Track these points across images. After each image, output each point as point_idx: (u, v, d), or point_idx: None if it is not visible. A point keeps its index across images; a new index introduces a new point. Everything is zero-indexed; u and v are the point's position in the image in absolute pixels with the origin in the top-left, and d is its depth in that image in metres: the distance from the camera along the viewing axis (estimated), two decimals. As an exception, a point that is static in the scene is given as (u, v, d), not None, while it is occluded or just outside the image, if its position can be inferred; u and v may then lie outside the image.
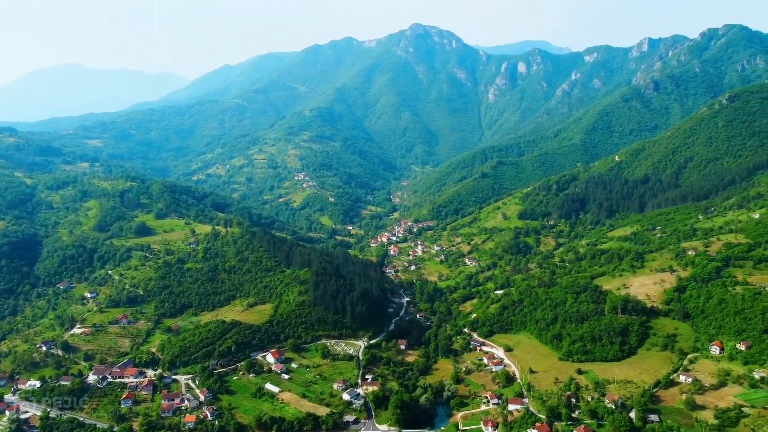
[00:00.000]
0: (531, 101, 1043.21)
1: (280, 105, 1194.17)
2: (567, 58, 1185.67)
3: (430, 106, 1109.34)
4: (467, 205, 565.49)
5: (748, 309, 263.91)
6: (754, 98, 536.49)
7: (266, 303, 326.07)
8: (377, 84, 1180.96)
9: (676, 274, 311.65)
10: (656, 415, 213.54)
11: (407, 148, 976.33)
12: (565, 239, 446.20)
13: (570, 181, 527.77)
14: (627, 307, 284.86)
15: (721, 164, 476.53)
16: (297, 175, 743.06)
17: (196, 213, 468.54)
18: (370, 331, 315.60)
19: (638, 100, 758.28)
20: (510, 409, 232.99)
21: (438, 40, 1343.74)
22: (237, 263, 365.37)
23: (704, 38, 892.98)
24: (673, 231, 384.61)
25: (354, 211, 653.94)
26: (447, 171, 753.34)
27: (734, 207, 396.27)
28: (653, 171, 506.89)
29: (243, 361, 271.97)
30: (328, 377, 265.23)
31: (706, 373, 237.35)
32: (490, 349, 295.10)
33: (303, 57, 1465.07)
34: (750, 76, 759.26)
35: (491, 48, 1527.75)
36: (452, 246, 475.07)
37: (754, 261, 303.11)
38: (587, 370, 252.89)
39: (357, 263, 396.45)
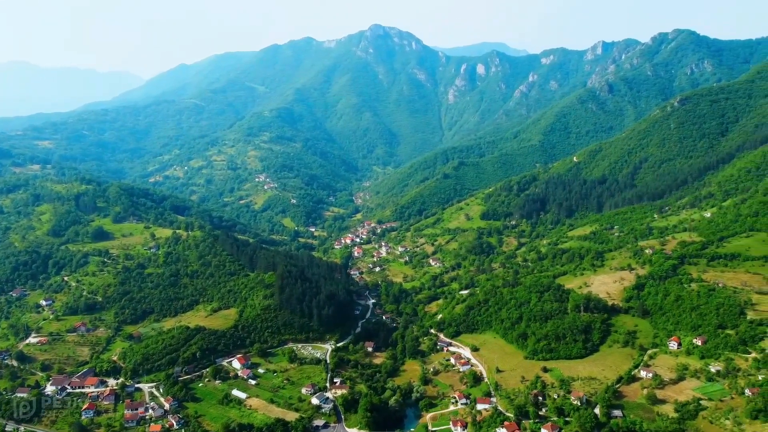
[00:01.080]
0: (490, 102, 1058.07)
1: (238, 105, 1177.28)
2: (524, 60, 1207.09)
3: (391, 106, 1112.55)
4: (430, 206, 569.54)
5: (703, 305, 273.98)
6: (703, 101, 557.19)
7: (231, 308, 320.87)
8: (337, 84, 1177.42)
9: (634, 272, 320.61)
10: (619, 411, 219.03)
11: (368, 148, 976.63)
12: (527, 239, 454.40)
13: (530, 181, 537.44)
14: (589, 306, 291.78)
15: (674, 165, 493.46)
16: (258, 176, 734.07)
17: (156, 216, 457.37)
18: (336, 333, 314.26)
19: (594, 102, 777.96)
20: (478, 409, 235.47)
21: (398, 41, 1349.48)
22: (199, 267, 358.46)
23: (655, 42, 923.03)
24: (631, 230, 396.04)
25: (316, 213, 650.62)
26: (409, 172, 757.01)
27: (687, 206, 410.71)
28: (610, 171, 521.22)
29: (208, 367, 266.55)
30: (296, 382, 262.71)
31: (666, 368, 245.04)
32: (456, 350, 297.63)
33: (262, 57, 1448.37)
34: (698, 80, 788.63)
35: (450, 49, 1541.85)
36: (416, 247, 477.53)
37: (708, 258, 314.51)
38: (552, 368, 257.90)
39: (322, 266, 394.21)
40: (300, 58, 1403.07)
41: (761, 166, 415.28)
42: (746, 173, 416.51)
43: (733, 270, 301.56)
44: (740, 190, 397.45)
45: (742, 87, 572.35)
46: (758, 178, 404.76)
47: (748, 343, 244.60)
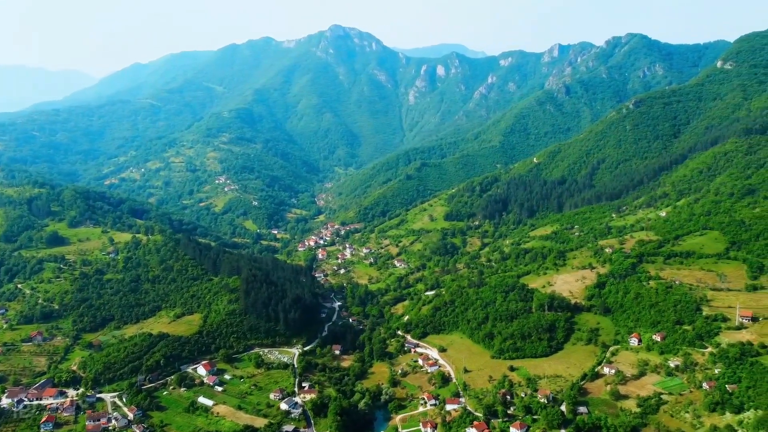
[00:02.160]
0: (450, 103, 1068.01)
1: (196, 106, 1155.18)
2: (483, 62, 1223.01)
3: (352, 107, 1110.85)
4: (394, 207, 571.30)
5: (661, 302, 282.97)
6: (656, 103, 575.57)
7: (194, 313, 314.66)
8: (298, 85, 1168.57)
9: (595, 271, 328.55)
10: (585, 407, 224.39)
11: (330, 149, 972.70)
12: (490, 239, 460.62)
13: (492, 182, 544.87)
14: (553, 304, 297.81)
15: (630, 165, 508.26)
16: (218, 178, 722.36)
17: (114, 220, 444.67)
18: (303, 337, 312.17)
19: (551, 104, 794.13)
20: (448, 409, 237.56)
21: (358, 42, 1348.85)
22: (161, 272, 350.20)
23: (609, 46, 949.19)
24: (590, 229, 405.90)
25: (279, 215, 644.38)
26: (371, 173, 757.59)
27: (643, 206, 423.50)
28: (569, 172, 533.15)
29: (173, 374, 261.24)
30: (263, 387, 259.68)
31: (627, 364, 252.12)
32: (424, 351, 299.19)
33: (219, 56, 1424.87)
34: (650, 82, 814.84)
35: (410, 50, 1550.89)
36: (381, 248, 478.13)
37: (664, 257, 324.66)
38: (519, 367, 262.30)
39: (287, 269, 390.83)
40: (259, 58, 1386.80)
41: (712, 166, 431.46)
42: (698, 174, 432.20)
43: (688, 267, 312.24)
44: (693, 190, 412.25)
45: (692, 90, 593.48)
46: (709, 178, 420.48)
47: (704, 338, 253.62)
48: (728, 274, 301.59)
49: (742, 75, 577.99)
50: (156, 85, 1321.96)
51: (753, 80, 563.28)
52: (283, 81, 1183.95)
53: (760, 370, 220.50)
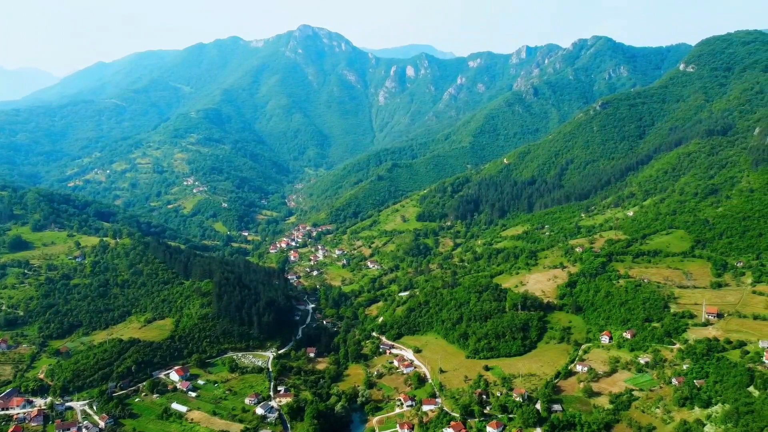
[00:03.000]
0: (420, 104, 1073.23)
1: (162, 106, 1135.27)
2: (452, 63, 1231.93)
3: (322, 108, 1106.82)
4: (365, 208, 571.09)
5: (630, 300, 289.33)
6: (622, 105, 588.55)
7: (166, 318, 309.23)
8: (266, 85, 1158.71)
9: (566, 270, 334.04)
10: (559, 405, 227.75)
11: (300, 150, 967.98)
12: (463, 239, 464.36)
13: (463, 183, 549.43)
14: (526, 304, 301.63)
15: (598, 166, 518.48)
16: (186, 179, 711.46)
17: (80, 224, 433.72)
18: (277, 340, 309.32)
19: (520, 105, 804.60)
20: (424, 410, 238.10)
21: (327, 42, 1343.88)
22: (130, 277, 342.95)
23: (575, 48, 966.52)
24: (560, 229, 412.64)
25: (249, 217, 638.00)
26: (342, 174, 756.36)
27: (611, 205, 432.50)
28: (539, 172, 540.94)
29: (145, 381, 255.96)
30: (238, 392, 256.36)
31: (599, 362, 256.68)
32: (399, 352, 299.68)
33: (186, 56, 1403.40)
34: (616, 84, 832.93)
35: (379, 51, 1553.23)
36: (353, 249, 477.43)
37: (633, 255, 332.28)
38: (493, 366, 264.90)
39: (259, 271, 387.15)
40: (227, 58, 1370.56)
41: (676, 167, 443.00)
42: (663, 174, 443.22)
43: (655, 266, 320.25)
44: (659, 190, 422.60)
45: (656, 92, 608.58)
46: (674, 178, 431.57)
47: (672, 334, 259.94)
48: (694, 271, 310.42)
49: (703, 77, 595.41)
50: (120, 85, 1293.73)
51: (714, 83, 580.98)
52: (251, 81, 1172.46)
53: (726, 366, 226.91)
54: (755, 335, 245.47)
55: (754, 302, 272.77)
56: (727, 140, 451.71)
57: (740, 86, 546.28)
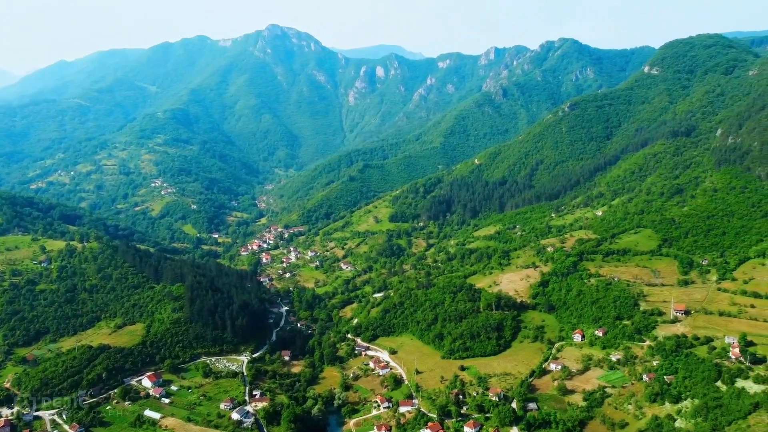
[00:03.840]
0: (390, 105, 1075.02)
1: (128, 106, 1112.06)
2: (422, 63, 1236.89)
3: (291, 108, 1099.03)
4: (337, 209, 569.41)
5: (601, 299, 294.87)
6: (590, 106, 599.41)
7: (137, 323, 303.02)
8: (235, 85, 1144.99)
9: (539, 269, 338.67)
10: (534, 403, 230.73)
11: (269, 151, 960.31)
12: (435, 240, 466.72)
13: (435, 183, 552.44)
14: (500, 304, 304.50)
15: (567, 166, 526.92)
16: (154, 181, 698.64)
17: (44, 227, 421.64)
18: (252, 344, 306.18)
19: (490, 106, 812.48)
20: (402, 411, 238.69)
21: (296, 42, 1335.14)
22: (99, 281, 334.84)
23: (543, 50, 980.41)
24: (532, 229, 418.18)
25: (219, 218, 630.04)
26: (313, 175, 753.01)
27: (581, 205, 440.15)
28: (509, 173, 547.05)
29: (116, 388, 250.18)
30: (213, 397, 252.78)
31: (572, 360, 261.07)
32: (375, 353, 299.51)
33: (151, 55, 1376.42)
34: (582, 86, 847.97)
35: (348, 51, 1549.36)
36: (326, 251, 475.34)
37: (603, 254, 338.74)
38: (469, 366, 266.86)
39: (232, 274, 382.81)
40: (194, 57, 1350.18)
41: (643, 167, 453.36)
42: (631, 174, 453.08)
43: (625, 264, 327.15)
44: (626, 190, 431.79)
45: (622, 94, 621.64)
46: (641, 178, 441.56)
47: (642, 332, 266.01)
48: (661, 270, 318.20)
49: (667, 80, 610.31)
50: (84, 84, 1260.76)
51: (677, 85, 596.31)
52: (219, 81, 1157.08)
53: (695, 361, 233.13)
54: (721, 331, 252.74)
55: (720, 299, 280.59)
56: (691, 141, 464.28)
57: (702, 89, 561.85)
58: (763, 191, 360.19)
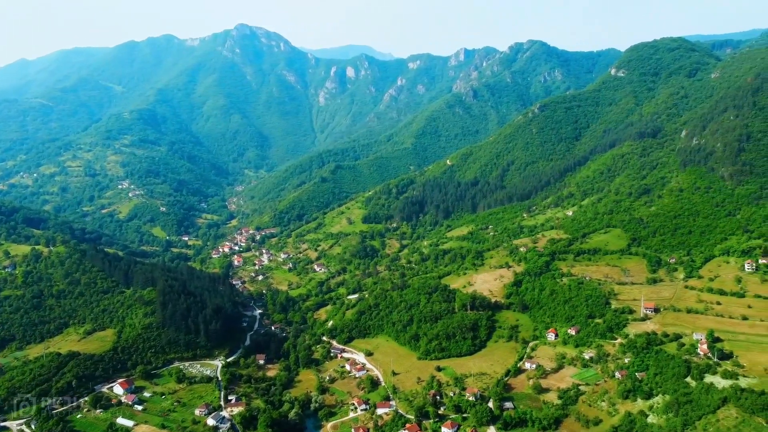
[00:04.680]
0: (361, 105, 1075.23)
1: (93, 106, 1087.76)
2: (392, 64, 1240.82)
3: (261, 108, 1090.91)
4: (310, 211, 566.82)
5: (574, 297, 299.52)
6: (559, 108, 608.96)
7: (107, 329, 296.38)
8: (203, 85, 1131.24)
9: (512, 269, 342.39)
10: (510, 402, 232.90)
11: (239, 152, 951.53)
12: (409, 241, 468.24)
13: (408, 184, 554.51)
14: (475, 304, 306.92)
15: (538, 167, 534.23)
16: (121, 183, 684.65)
17: (8, 231, 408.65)
18: (226, 348, 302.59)
19: (460, 107, 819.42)
20: (379, 413, 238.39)
21: (265, 42, 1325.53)
22: (67, 287, 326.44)
23: (512, 51, 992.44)
24: (504, 229, 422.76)
25: (189, 221, 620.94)
26: (284, 176, 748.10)
27: (552, 206, 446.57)
28: (481, 174, 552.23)
29: (87, 395, 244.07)
30: (187, 403, 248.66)
31: (547, 358, 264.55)
32: (351, 356, 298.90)
33: (117, 54, 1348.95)
34: (551, 87, 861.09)
35: (318, 51, 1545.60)
36: (299, 253, 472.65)
37: (574, 254, 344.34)
38: (445, 367, 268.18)
39: (204, 277, 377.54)
40: (160, 57, 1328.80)
41: (611, 168, 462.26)
42: (599, 175, 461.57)
43: (596, 264, 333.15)
44: (595, 190, 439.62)
45: (590, 96, 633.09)
46: (609, 179, 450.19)
47: (614, 330, 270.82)
48: (631, 268, 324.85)
49: (633, 82, 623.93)
50: (46, 84, 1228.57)
51: (643, 87, 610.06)
52: (187, 81, 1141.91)
53: (665, 358, 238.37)
54: (689, 328, 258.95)
55: (687, 296, 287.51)
56: (657, 142, 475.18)
57: (667, 91, 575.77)
58: (726, 191, 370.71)
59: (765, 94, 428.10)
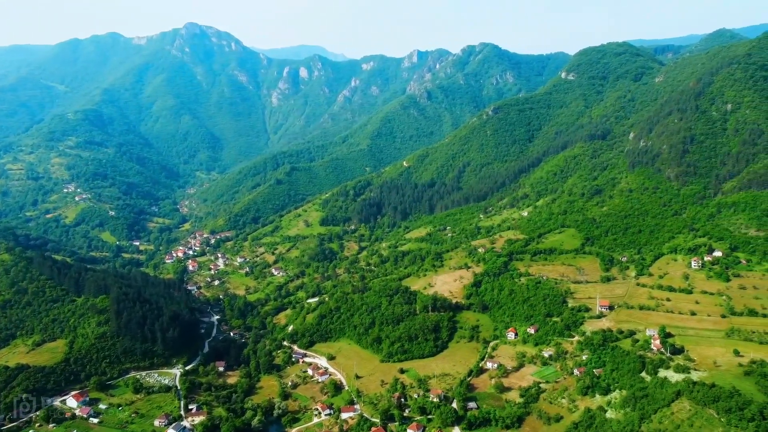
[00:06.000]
0: (315, 106, 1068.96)
1: (33, 106, 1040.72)
2: (346, 65, 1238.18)
3: (212, 109, 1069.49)
4: (266, 213, 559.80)
5: (532, 297, 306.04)
6: (512, 110, 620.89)
7: (57, 339, 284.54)
8: (152, 85, 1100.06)
9: (471, 270, 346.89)
10: (474, 402, 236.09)
11: (190, 153, 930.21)
12: (367, 243, 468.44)
13: (365, 186, 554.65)
14: (436, 305, 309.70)
15: (493, 168, 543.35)
16: (66, 186, 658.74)
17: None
18: (184, 356, 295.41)
19: (415, 108, 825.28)
20: (344, 418, 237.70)
21: (216, 41, 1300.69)
22: (13, 296, 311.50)
23: (465, 54, 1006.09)
24: (462, 230, 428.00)
25: (140, 225, 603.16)
26: (238, 178, 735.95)
27: (507, 206, 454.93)
28: (438, 175, 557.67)
29: (38, 410, 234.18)
30: (146, 414, 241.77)
31: (507, 357, 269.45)
32: (313, 360, 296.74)
33: (59, 52, 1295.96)
34: (503, 89, 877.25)
35: (269, 51, 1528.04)
36: (256, 257, 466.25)
37: (531, 254, 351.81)
38: (408, 369, 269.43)
39: (159, 284, 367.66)
40: (106, 55, 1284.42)
41: (564, 169, 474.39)
42: (552, 176, 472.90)
43: (552, 263, 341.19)
44: (549, 191, 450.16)
45: (542, 98, 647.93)
46: (562, 179, 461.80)
47: (571, 327, 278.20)
48: (585, 267, 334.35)
49: (582, 85, 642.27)
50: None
51: (592, 90, 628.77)
52: (134, 80, 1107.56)
53: (621, 354, 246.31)
54: (642, 324, 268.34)
55: (639, 294, 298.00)
56: (607, 144, 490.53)
57: (615, 94, 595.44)
58: (673, 191, 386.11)
59: (706, 98, 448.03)
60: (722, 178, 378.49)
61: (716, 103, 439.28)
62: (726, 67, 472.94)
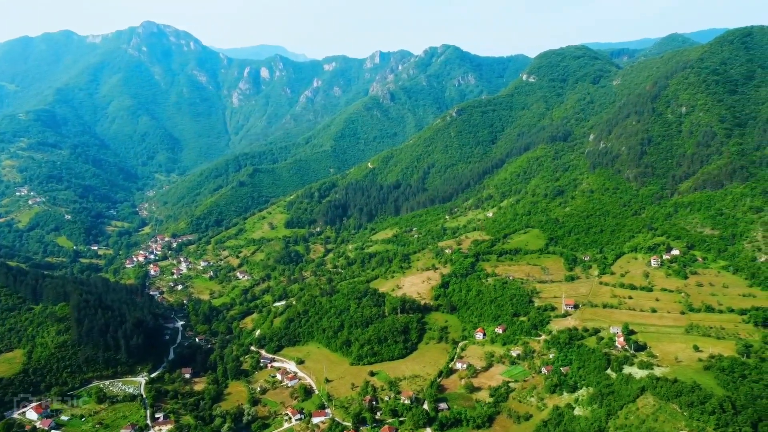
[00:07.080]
0: (276, 107, 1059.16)
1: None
2: (308, 65, 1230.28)
3: (171, 109, 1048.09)
4: (229, 216, 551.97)
5: (499, 297, 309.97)
6: (475, 112, 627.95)
7: (15, 349, 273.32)
8: (107, 85, 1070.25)
9: (439, 271, 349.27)
10: (445, 403, 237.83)
11: (149, 155, 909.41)
12: (334, 245, 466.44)
13: (330, 187, 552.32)
14: (405, 307, 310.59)
15: (457, 169, 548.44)
16: (19, 190, 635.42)
17: None
18: (149, 364, 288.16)
19: (378, 110, 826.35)
20: (315, 422, 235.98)
21: (174, 41, 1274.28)
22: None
23: (427, 55, 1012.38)
24: (428, 231, 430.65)
25: (98, 229, 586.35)
26: (200, 180, 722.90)
27: (472, 207, 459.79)
28: (403, 176, 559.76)
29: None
30: (110, 424, 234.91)
31: (476, 358, 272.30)
32: (281, 365, 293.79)
33: (8, 50, 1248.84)
34: (465, 91, 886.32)
35: (230, 50, 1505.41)
36: (220, 260, 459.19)
37: (497, 254, 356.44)
38: (378, 371, 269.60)
39: (120, 290, 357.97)
40: (59, 54, 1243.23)
41: (527, 170, 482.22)
42: (516, 177, 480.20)
43: (517, 263, 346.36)
44: (513, 192, 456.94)
45: (504, 100, 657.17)
46: (525, 180, 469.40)
47: (538, 327, 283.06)
48: (550, 267, 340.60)
49: (543, 88, 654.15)
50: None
51: (552, 92, 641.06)
52: (89, 80, 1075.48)
53: (586, 352, 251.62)
54: (606, 322, 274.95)
55: (602, 292, 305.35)
56: (568, 145, 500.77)
57: (574, 96, 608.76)
58: (632, 192, 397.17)
59: (662, 101, 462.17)
60: (678, 179, 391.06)
61: (671, 106, 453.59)
62: (680, 71, 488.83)
